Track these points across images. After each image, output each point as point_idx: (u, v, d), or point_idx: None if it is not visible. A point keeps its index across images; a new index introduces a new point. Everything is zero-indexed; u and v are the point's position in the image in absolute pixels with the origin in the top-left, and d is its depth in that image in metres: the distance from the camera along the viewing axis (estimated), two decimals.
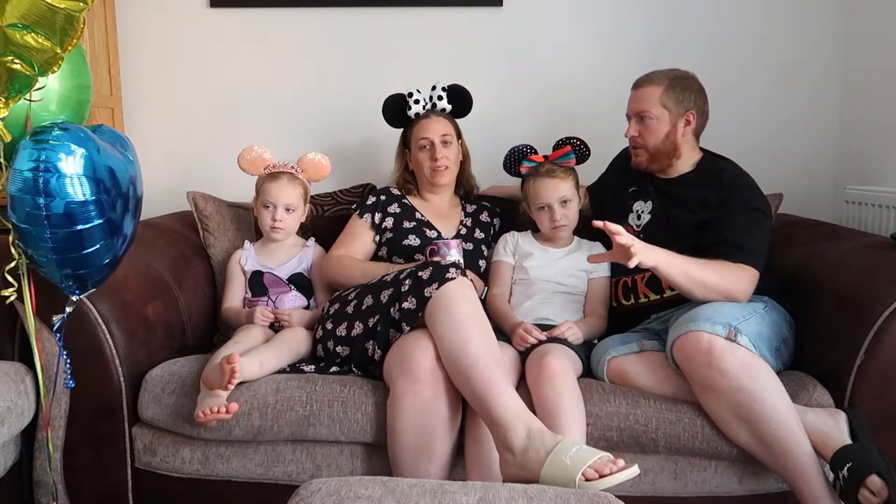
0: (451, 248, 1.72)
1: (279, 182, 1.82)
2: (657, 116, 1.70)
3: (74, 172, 1.23)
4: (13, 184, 1.22)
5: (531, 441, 1.21)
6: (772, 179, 1.78)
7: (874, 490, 1.24)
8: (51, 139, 1.21)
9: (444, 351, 1.39)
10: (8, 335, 1.51)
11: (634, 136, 1.74)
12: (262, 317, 1.72)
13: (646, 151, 1.74)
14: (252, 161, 1.86)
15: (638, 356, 1.55)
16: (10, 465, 1.46)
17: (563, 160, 1.79)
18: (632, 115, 1.75)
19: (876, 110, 2.09)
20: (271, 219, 1.82)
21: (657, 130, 1.71)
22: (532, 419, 1.27)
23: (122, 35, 2.32)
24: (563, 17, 2.28)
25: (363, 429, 1.45)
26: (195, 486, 1.52)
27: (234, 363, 1.38)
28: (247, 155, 1.86)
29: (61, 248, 1.25)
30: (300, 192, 1.86)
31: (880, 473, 1.25)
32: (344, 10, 2.30)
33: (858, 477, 1.26)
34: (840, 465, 1.30)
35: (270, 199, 1.82)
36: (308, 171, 1.90)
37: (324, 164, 1.91)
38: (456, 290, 1.43)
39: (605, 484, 1.10)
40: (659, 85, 1.70)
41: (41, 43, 1.11)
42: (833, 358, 1.49)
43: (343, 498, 0.91)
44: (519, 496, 0.95)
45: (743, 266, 1.53)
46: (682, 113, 1.70)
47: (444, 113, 1.94)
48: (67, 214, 1.23)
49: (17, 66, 1.11)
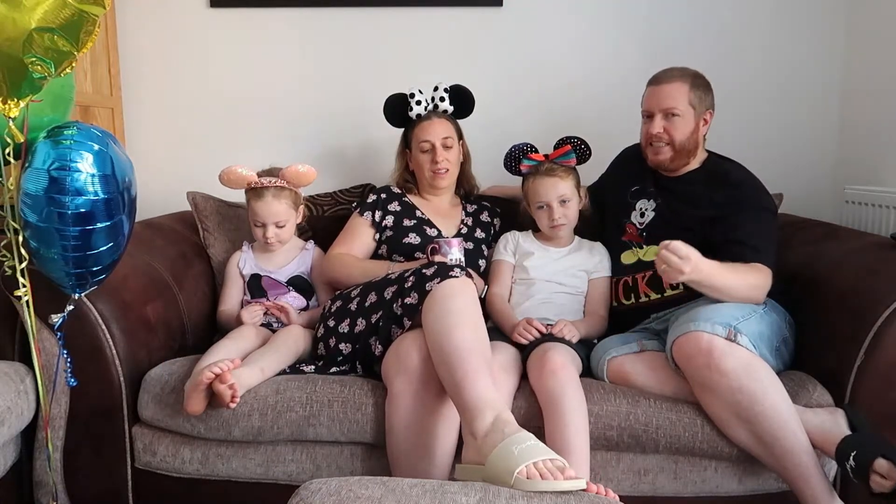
0: (453, 247, 1.72)
1: (264, 200, 1.77)
2: (684, 113, 1.69)
3: (94, 171, 1.25)
4: (33, 183, 1.23)
5: (494, 427, 1.19)
6: (772, 179, 1.77)
7: (883, 473, 1.23)
8: (71, 138, 1.24)
9: (430, 339, 1.38)
10: (8, 335, 1.51)
11: (659, 133, 1.71)
12: (250, 316, 1.72)
13: (671, 149, 1.71)
14: (234, 180, 1.78)
15: (638, 356, 1.55)
16: (10, 465, 1.46)
17: (563, 159, 1.79)
18: (656, 111, 1.71)
19: (876, 110, 2.09)
20: (263, 236, 1.81)
21: (683, 128, 1.70)
22: (503, 409, 1.25)
23: (122, 35, 2.32)
24: (563, 17, 2.28)
25: (363, 429, 1.45)
26: (195, 486, 1.52)
27: (226, 382, 1.38)
28: (227, 175, 1.78)
29: (79, 245, 1.27)
30: (288, 204, 1.80)
31: (885, 456, 1.24)
32: (344, 9, 2.30)
33: (865, 463, 1.25)
34: (845, 456, 1.29)
35: (259, 219, 1.80)
36: (293, 182, 1.80)
37: (305, 172, 1.78)
38: (454, 286, 1.43)
39: (542, 486, 1.04)
40: (685, 82, 1.69)
41: (62, 45, 1.13)
42: (833, 358, 1.49)
43: (343, 498, 0.91)
44: (519, 496, 0.95)
45: (760, 266, 1.53)
46: (703, 111, 1.71)
47: (445, 114, 1.94)
48: (88, 212, 1.26)
49: (38, 67, 1.13)
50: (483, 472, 1.15)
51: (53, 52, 1.13)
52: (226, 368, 1.40)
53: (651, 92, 1.74)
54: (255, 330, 1.68)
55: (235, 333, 1.65)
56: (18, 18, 1.07)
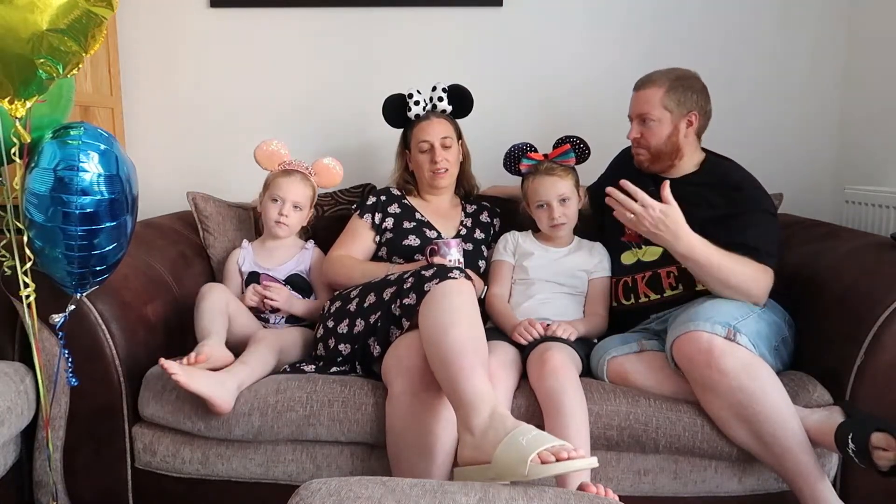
0: (452, 248, 1.72)
1: (291, 178, 1.83)
2: (658, 118, 1.70)
3: (101, 171, 1.26)
4: (41, 183, 1.23)
5: (492, 423, 1.19)
6: (772, 179, 1.77)
7: (882, 446, 1.23)
8: (78, 139, 1.24)
9: (426, 337, 1.37)
10: (8, 335, 1.51)
11: (636, 138, 1.74)
12: (252, 294, 1.74)
13: (647, 153, 1.74)
14: (269, 154, 1.86)
15: (638, 356, 1.55)
16: (10, 465, 1.46)
17: (562, 158, 1.79)
18: (633, 116, 1.75)
19: (876, 110, 2.09)
20: (278, 213, 1.82)
21: (659, 132, 1.71)
22: (498, 404, 1.25)
23: (122, 35, 2.32)
24: (563, 17, 2.28)
25: (363, 429, 1.45)
26: (195, 486, 1.52)
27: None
28: (265, 147, 1.86)
29: (85, 245, 1.28)
30: (309, 194, 1.87)
31: (879, 428, 1.24)
32: (344, 10, 2.30)
33: (864, 443, 1.25)
34: (843, 442, 1.29)
35: (280, 194, 1.82)
36: (320, 175, 1.91)
37: (336, 170, 1.93)
38: (453, 286, 1.42)
39: (559, 468, 1.06)
40: (660, 87, 1.70)
41: (71, 46, 1.14)
42: (833, 358, 1.49)
43: (343, 498, 0.91)
44: (519, 496, 0.94)
45: (763, 267, 1.53)
46: (683, 114, 1.70)
47: (444, 114, 1.94)
48: (94, 212, 1.26)
49: (48, 68, 1.14)
50: (490, 470, 1.14)
51: (62, 53, 1.14)
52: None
53: (632, 97, 1.77)
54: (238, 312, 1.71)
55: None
56: (30, 19, 1.08)
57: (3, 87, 1.14)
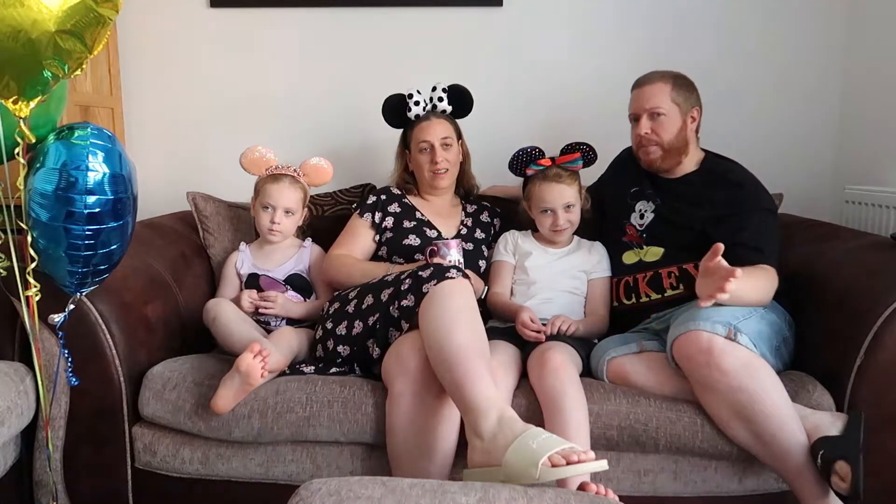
0: (451, 248, 1.72)
1: (280, 184, 1.81)
2: (669, 112, 1.70)
3: (107, 171, 1.26)
4: (46, 183, 1.23)
5: (501, 427, 1.20)
6: (772, 179, 1.77)
7: (841, 475, 1.24)
8: (87, 139, 1.25)
9: (428, 340, 1.37)
10: (8, 335, 1.51)
11: (647, 134, 1.73)
12: (248, 301, 1.73)
13: (659, 148, 1.73)
14: (255, 161, 1.85)
15: (638, 356, 1.55)
16: (10, 465, 1.46)
17: (570, 165, 1.78)
18: (641, 112, 1.73)
19: (876, 110, 2.09)
20: (270, 221, 1.82)
21: (670, 126, 1.71)
22: (506, 408, 1.25)
23: (122, 35, 2.32)
24: (563, 18, 2.28)
25: (363, 429, 1.45)
26: (195, 486, 1.52)
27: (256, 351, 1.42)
28: (249, 154, 1.85)
29: (90, 245, 1.28)
30: (300, 196, 1.85)
31: (845, 458, 1.24)
32: (343, 10, 2.30)
33: (829, 463, 1.26)
34: (815, 455, 1.31)
35: (271, 201, 1.81)
36: (310, 176, 1.89)
37: (326, 168, 1.90)
38: (452, 287, 1.42)
39: (570, 471, 1.07)
40: (666, 82, 1.71)
41: (76, 46, 1.14)
42: (833, 358, 1.49)
43: (343, 498, 0.91)
44: (519, 496, 0.94)
45: (766, 268, 1.54)
46: (688, 109, 1.72)
47: (444, 114, 1.93)
48: (99, 212, 1.26)
49: (54, 68, 1.14)
50: (501, 473, 1.15)
51: (68, 54, 1.14)
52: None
53: (635, 95, 1.77)
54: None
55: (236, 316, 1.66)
56: (39, 20, 1.09)
57: (10, 88, 1.14)
